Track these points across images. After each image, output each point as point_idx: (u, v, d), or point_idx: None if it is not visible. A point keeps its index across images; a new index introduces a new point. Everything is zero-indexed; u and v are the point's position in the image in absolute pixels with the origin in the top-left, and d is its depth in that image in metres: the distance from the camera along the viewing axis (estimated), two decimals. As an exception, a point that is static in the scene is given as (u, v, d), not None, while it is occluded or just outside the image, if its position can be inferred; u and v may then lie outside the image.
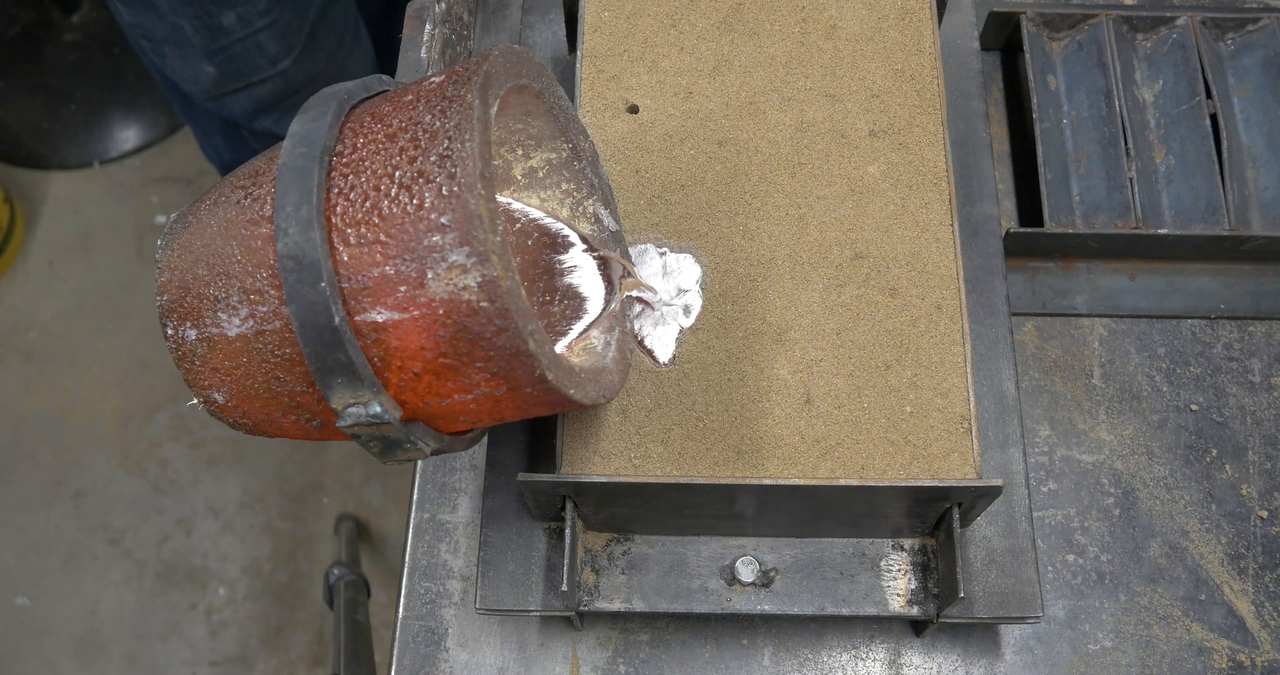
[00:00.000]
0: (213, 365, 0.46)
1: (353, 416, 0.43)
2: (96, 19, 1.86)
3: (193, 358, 0.47)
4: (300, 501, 1.61)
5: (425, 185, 0.40)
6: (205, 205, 0.47)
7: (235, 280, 0.44)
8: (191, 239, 0.46)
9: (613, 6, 0.65)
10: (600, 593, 0.59)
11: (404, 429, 0.44)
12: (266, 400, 0.46)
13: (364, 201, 0.41)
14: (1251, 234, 0.70)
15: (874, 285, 0.58)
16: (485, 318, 0.40)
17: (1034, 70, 0.76)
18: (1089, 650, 0.65)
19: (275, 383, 0.45)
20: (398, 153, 0.42)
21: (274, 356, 0.44)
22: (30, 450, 1.64)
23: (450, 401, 0.44)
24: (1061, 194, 0.74)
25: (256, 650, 1.52)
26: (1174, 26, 0.76)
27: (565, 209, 0.55)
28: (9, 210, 1.74)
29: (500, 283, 0.39)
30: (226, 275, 0.44)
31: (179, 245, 0.47)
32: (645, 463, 0.55)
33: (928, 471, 0.55)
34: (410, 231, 0.40)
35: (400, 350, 0.42)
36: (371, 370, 0.43)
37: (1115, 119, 0.74)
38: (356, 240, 0.41)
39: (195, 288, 0.46)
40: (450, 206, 0.40)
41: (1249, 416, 0.70)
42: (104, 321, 1.73)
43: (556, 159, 0.54)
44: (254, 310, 0.44)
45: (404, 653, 0.65)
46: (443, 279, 0.40)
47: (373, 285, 0.41)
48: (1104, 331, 0.73)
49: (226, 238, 0.45)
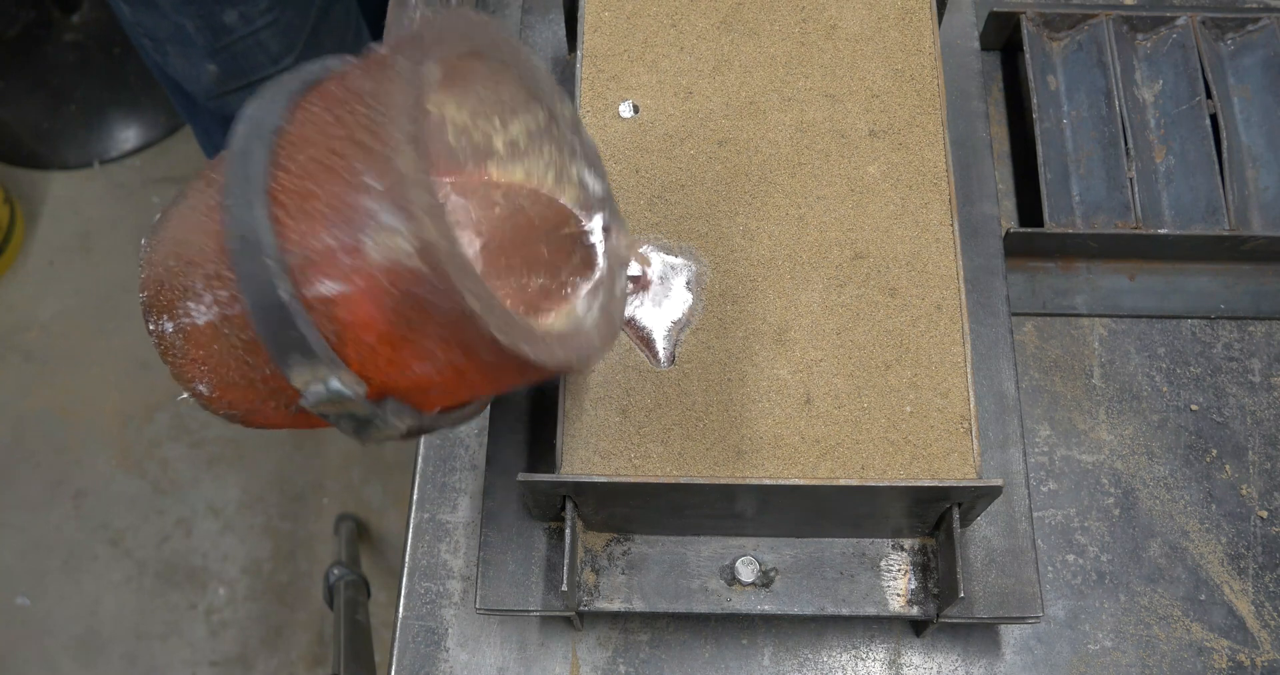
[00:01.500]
0: (191, 356, 0.46)
1: (315, 395, 0.42)
2: (96, 19, 1.86)
3: (174, 351, 0.46)
4: (300, 501, 1.61)
5: (356, 150, 0.40)
6: (178, 198, 0.47)
7: (199, 267, 0.44)
8: (165, 233, 0.46)
9: (613, 6, 0.65)
10: (600, 593, 0.59)
11: (371, 406, 0.43)
12: (245, 388, 0.46)
13: (304, 174, 0.41)
14: (1252, 234, 0.70)
15: (874, 285, 0.58)
16: (425, 281, 0.39)
17: (1034, 70, 0.76)
18: (1089, 650, 0.65)
19: (247, 368, 0.44)
20: (334, 122, 0.41)
21: (240, 341, 0.44)
22: (30, 450, 1.64)
23: (413, 374, 0.43)
24: (1061, 194, 0.74)
25: (256, 650, 1.52)
26: (1174, 27, 0.76)
27: (550, 176, 0.54)
28: (9, 210, 1.74)
29: (435, 244, 0.38)
30: (192, 263, 0.44)
31: (156, 240, 0.47)
32: (645, 463, 0.55)
33: (928, 471, 0.55)
34: (344, 198, 0.39)
35: (353, 323, 0.41)
36: (327, 345, 0.41)
37: (1115, 119, 0.74)
38: (298, 213, 0.40)
39: (168, 280, 0.45)
40: (379, 168, 0.39)
41: (1249, 416, 0.70)
42: (104, 321, 1.73)
43: (535, 126, 0.53)
44: (216, 295, 0.43)
45: (404, 653, 0.65)
46: (380, 245, 0.39)
47: (317, 258, 0.40)
48: (1104, 331, 0.73)
49: (191, 226, 0.45)
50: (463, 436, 0.70)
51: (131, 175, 1.84)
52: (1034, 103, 0.74)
